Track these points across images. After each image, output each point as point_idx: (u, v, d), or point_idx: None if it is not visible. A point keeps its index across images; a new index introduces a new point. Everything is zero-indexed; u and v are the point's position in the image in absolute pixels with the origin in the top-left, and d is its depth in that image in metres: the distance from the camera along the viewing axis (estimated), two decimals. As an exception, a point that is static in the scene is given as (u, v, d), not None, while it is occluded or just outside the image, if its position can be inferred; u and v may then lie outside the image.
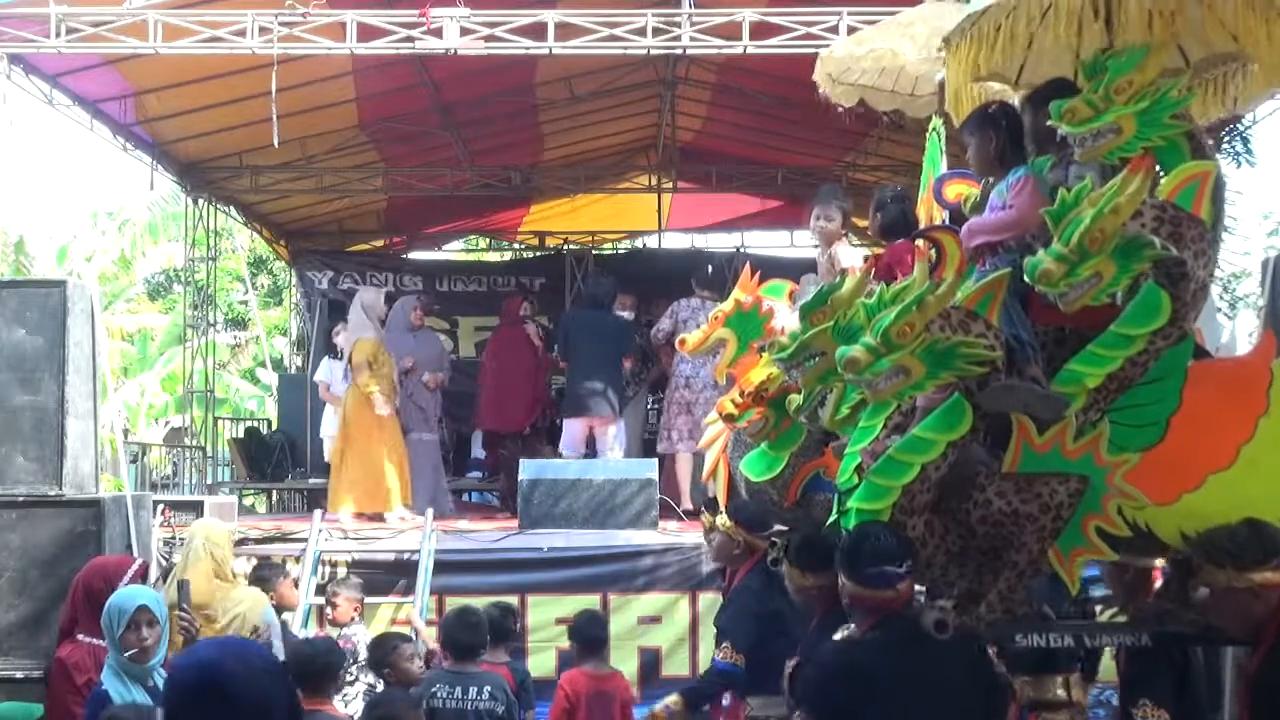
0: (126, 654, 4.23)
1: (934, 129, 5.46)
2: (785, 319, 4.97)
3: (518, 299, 11.48)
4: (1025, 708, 5.10)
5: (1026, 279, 3.57)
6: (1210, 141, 4.00)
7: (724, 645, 5.24)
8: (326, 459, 10.11)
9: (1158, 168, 3.81)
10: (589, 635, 6.11)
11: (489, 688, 5.49)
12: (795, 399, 4.43)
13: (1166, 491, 3.62)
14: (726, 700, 5.57)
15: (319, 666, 4.91)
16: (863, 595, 3.71)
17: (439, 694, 5.43)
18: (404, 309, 10.32)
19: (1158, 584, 4.51)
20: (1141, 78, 3.77)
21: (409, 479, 9.19)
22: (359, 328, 9.38)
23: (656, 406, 11.31)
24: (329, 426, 10.15)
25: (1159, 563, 4.53)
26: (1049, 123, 3.91)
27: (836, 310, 3.61)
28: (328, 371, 10.26)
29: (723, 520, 5.40)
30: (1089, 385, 3.64)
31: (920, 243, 4.45)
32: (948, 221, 4.81)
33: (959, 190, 4.71)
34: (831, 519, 3.90)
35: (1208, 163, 3.78)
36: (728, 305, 5.27)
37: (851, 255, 6.17)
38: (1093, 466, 3.64)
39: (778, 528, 5.36)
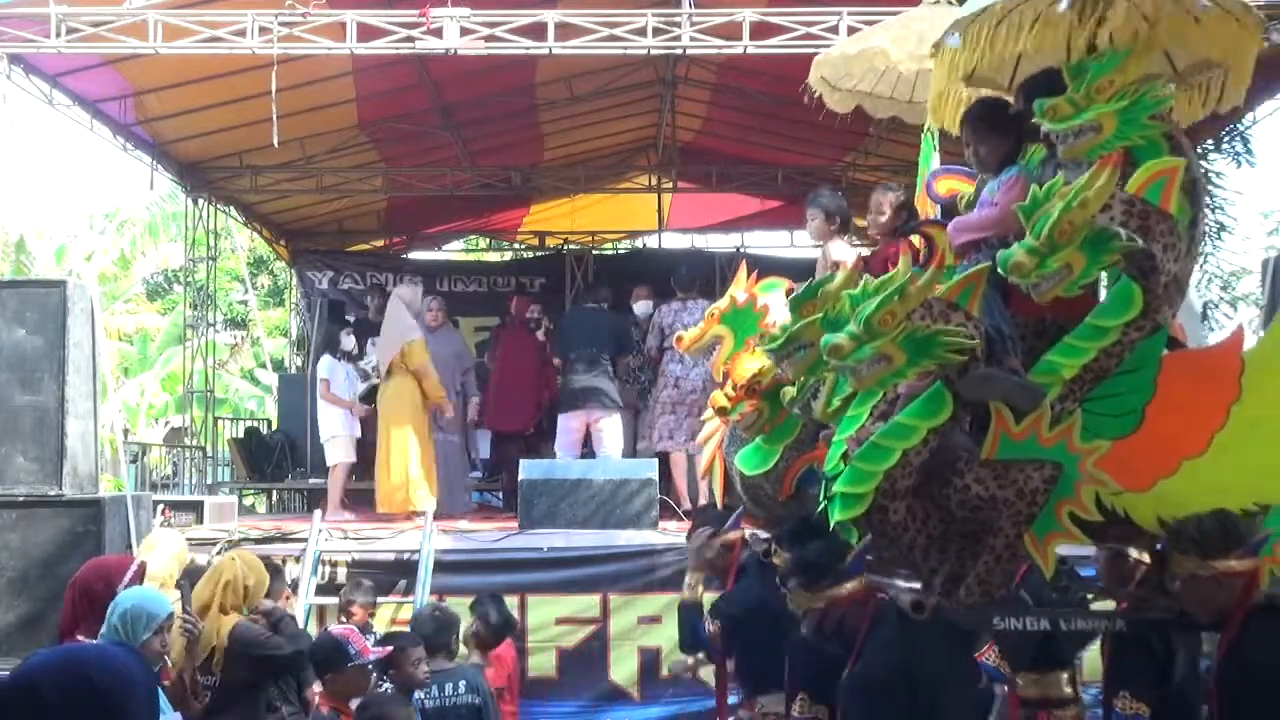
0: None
1: (928, 130, 5.47)
2: (780, 316, 4.98)
3: (525, 301, 11.48)
4: (1031, 706, 5.10)
5: (1000, 271, 3.64)
6: (1189, 142, 4.03)
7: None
8: (329, 462, 10.08)
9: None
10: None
11: (464, 682, 5.72)
12: (789, 390, 4.46)
13: (1143, 477, 3.67)
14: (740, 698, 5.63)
15: (317, 661, 4.96)
16: (852, 592, 3.77)
17: (419, 695, 5.53)
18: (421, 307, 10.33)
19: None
20: (1122, 78, 3.83)
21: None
22: (409, 329, 9.38)
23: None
24: (329, 428, 10.08)
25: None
26: (1033, 120, 3.97)
27: (826, 303, 3.67)
28: (328, 369, 10.20)
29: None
30: (1065, 376, 3.70)
31: (913, 237, 4.48)
32: (939, 216, 4.83)
33: (951, 185, 4.74)
34: (820, 506, 3.94)
35: (1176, 159, 3.83)
36: (723, 303, 5.26)
37: (842, 250, 6.20)
38: (1066, 453, 3.69)
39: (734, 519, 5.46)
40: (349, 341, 10.36)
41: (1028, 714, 5.16)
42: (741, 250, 14.48)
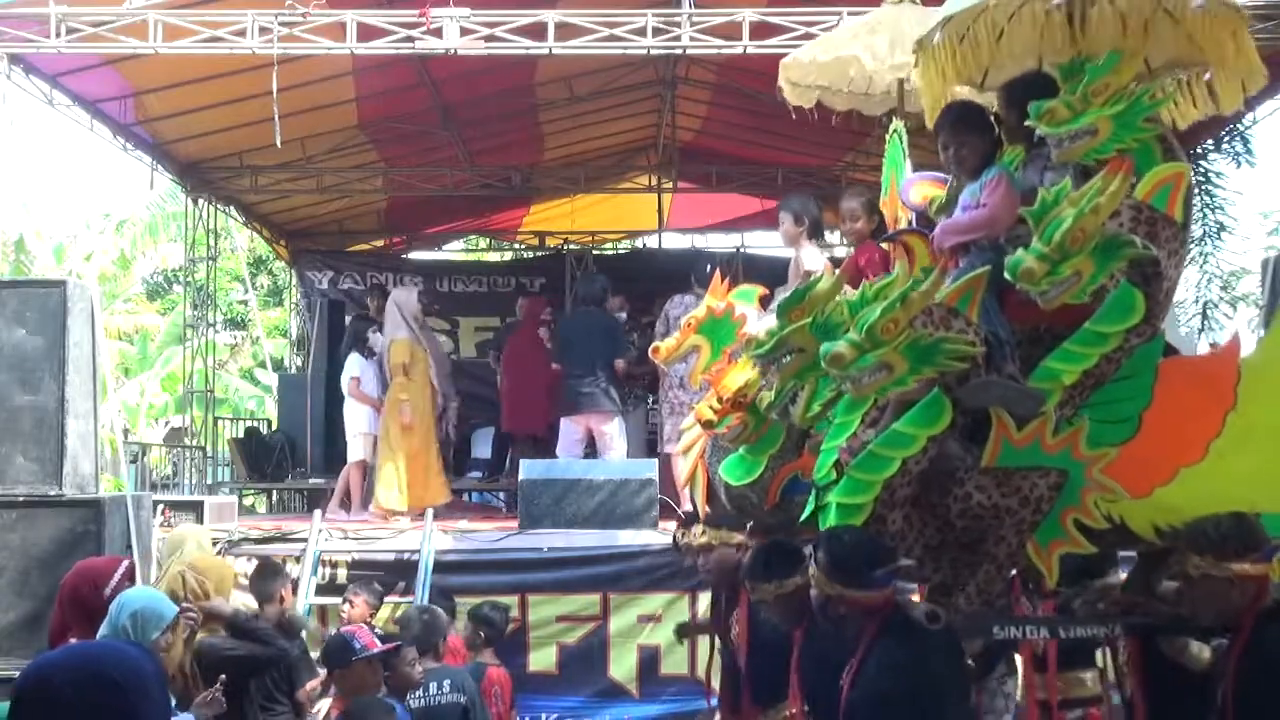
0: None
1: (895, 130, 5.47)
2: (756, 324, 4.96)
3: (540, 301, 11.51)
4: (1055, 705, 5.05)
5: (1008, 277, 3.63)
6: (1179, 145, 4.03)
7: None
8: (354, 458, 10.14)
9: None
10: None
11: (449, 681, 5.73)
12: (767, 396, 4.44)
13: (1139, 485, 3.68)
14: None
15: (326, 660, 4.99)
16: (863, 599, 3.73)
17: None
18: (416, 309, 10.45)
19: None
20: (1117, 81, 3.83)
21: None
22: (394, 327, 9.76)
23: (657, 407, 11.34)
24: (356, 424, 10.16)
25: None
26: (1027, 123, 3.95)
27: (814, 307, 3.65)
28: (360, 367, 10.27)
29: (714, 534, 5.25)
30: (1065, 382, 3.70)
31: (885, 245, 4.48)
32: (914, 223, 4.83)
33: (926, 192, 4.73)
34: (808, 513, 3.92)
35: (1181, 165, 3.84)
36: (700, 312, 5.24)
37: (813, 258, 6.20)
38: (1071, 460, 3.69)
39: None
40: (376, 339, 10.40)
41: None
42: (741, 250, 14.47)
